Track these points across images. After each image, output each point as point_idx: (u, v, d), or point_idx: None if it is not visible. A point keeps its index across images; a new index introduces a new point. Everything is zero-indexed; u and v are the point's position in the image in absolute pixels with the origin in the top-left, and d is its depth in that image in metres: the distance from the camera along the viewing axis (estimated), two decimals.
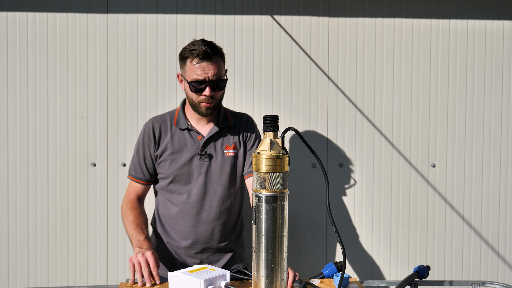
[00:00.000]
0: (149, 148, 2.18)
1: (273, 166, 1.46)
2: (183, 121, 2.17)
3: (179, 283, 1.71)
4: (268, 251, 1.47)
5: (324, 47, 2.73)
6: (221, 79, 2.09)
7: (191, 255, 2.19)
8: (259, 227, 1.48)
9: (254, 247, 1.50)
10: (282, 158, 1.47)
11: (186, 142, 2.16)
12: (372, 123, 2.75)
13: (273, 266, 1.47)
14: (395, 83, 2.75)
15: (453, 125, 2.78)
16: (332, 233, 2.75)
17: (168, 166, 2.15)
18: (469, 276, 2.81)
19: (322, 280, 1.91)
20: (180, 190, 2.16)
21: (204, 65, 2.04)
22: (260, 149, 1.48)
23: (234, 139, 2.20)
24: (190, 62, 2.06)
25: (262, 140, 1.51)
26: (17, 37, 2.61)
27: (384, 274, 2.79)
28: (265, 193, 1.47)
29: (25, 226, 2.65)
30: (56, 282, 2.66)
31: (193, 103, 2.11)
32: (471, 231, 2.79)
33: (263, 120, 1.51)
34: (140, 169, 2.20)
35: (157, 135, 2.18)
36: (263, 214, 1.47)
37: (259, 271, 1.48)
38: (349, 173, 2.76)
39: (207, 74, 2.04)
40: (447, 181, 2.79)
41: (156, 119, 2.22)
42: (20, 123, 2.63)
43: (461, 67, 2.77)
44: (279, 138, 1.50)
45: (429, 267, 2.02)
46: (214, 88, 2.07)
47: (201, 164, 2.15)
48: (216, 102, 2.11)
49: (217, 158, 2.16)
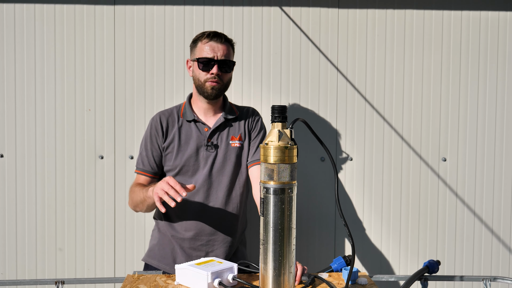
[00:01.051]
0: (157, 141, 2.19)
1: (282, 157, 1.44)
2: (189, 113, 2.19)
3: (186, 275, 1.70)
4: (276, 244, 1.45)
5: (334, 39, 2.69)
6: (229, 60, 2.13)
7: (196, 247, 2.18)
8: (267, 219, 1.46)
9: (261, 239, 1.48)
10: (290, 149, 1.45)
11: (192, 134, 2.17)
12: (382, 116, 2.72)
13: (281, 258, 1.45)
14: (405, 75, 2.72)
15: (465, 118, 2.74)
16: (340, 227, 2.73)
17: (175, 158, 2.16)
18: (480, 271, 2.77)
19: (330, 274, 1.89)
20: (186, 182, 2.16)
21: (213, 45, 2.10)
22: (268, 140, 1.46)
23: (240, 130, 2.21)
24: (200, 43, 2.12)
25: (270, 130, 1.49)
26: (25, 30, 2.61)
27: (393, 269, 2.76)
28: (273, 184, 1.45)
29: (33, 218, 2.65)
30: (64, 275, 2.66)
31: (199, 83, 2.13)
32: (482, 226, 2.76)
33: (271, 110, 1.49)
34: (148, 162, 2.20)
35: (165, 127, 2.19)
36: (271, 206, 1.46)
37: (266, 264, 1.47)
38: (358, 167, 2.73)
39: (216, 53, 2.09)
40: (458, 175, 2.75)
41: (163, 113, 2.24)
42: (28, 115, 2.63)
43: (473, 59, 2.73)
44: (287, 129, 1.48)
45: (439, 262, 2.00)
46: (221, 68, 2.10)
47: (208, 155, 2.16)
48: (222, 84, 2.14)
49: (223, 149, 2.17)
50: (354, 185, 2.74)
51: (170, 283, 1.74)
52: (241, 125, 2.23)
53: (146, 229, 2.67)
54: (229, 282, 1.68)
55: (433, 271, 1.97)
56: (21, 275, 2.66)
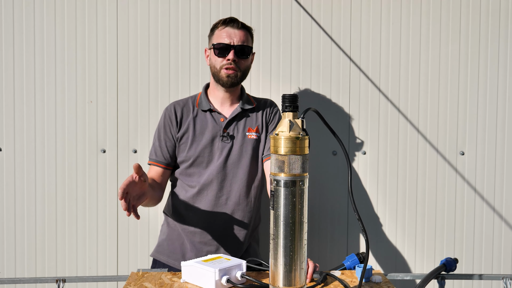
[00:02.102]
0: (170, 131, 2.16)
1: (293, 148, 1.37)
2: (205, 103, 2.17)
3: (193, 273, 1.66)
4: (287, 238, 1.39)
5: (346, 27, 2.61)
6: (246, 45, 2.10)
7: (207, 241, 2.14)
8: (277, 212, 1.40)
9: (272, 234, 1.42)
10: (302, 140, 1.38)
11: (208, 124, 2.14)
12: (397, 108, 2.63)
13: (292, 254, 1.39)
14: (421, 65, 2.63)
15: (484, 109, 2.65)
16: (353, 224, 2.66)
17: (189, 148, 2.13)
18: (499, 270, 2.69)
19: (343, 272, 1.85)
20: (200, 173, 2.13)
21: (230, 31, 2.08)
22: (279, 130, 1.40)
23: (257, 122, 2.19)
24: (217, 30, 2.12)
25: (281, 120, 1.42)
26: (24, 20, 2.55)
27: (409, 267, 2.69)
28: (284, 176, 1.38)
29: (32, 215, 2.60)
30: (64, 273, 2.60)
31: (215, 70, 2.12)
32: (502, 223, 2.67)
33: (281, 99, 1.43)
34: (161, 152, 2.16)
35: (179, 117, 2.16)
36: (282, 199, 1.39)
37: (277, 259, 1.40)
38: (372, 161, 2.65)
39: (233, 39, 2.07)
40: (476, 169, 2.67)
41: (177, 103, 2.21)
42: (27, 108, 2.57)
43: (492, 48, 2.64)
44: (298, 119, 1.42)
45: (457, 259, 1.96)
46: (238, 54, 2.08)
47: (223, 145, 2.12)
48: (239, 72, 2.10)
49: (239, 140, 2.14)
50: (367, 180, 2.66)
51: (176, 280, 1.71)
52: (258, 116, 2.20)
53: (150, 225, 2.60)
54: (238, 279, 1.63)
55: (450, 270, 1.93)
56: (20, 273, 2.61)
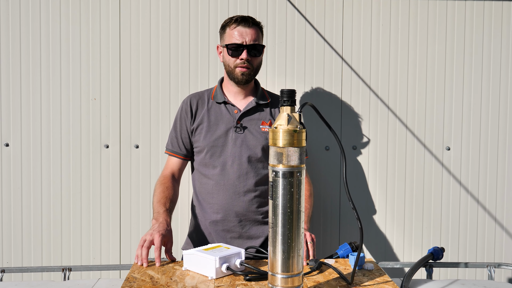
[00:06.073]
0: (185, 122, 2.22)
1: (290, 140, 1.44)
2: (220, 95, 2.22)
3: (194, 261, 1.71)
4: (285, 227, 1.46)
5: (338, 28, 2.70)
6: (258, 44, 2.14)
7: (229, 228, 2.18)
8: (275, 202, 1.47)
9: (270, 223, 1.49)
10: (299, 133, 1.45)
11: (222, 115, 2.19)
12: (386, 105, 2.72)
13: (290, 241, 1.46)
14: (410, 65, 2.72)
15: (469, 107, 2.75)
16: (344, 217, 2.74)
17: (203, 138, 2.18)
18: (483, 258, 2.79)
19: (337, 260, 1.90)
20: (214, 163, 2.17)
21: (242, 30, 2.10)
22: (277, 124, 1.46)
23: (271, 116, 2.23)
24: (229, 28, 2.13)
25: (279, 114, 1.49)
26: (30, 17, 2.60)
27: (398, 256, 2.77)
28: (282, 168, 1.45)
29: (38, 208, 2.66)
30: (69, 262, 2.66)
31: (229, 69, 2.16)
32: (485, 214, 2.77)
33: (280, 94, 1.49)
34: (177, 143, 2.23)
35: (194, 109, 2.22)
36: (280, 189, 1.46)
37: (275, 247, 1.47)
38: (362, 156, 2.74)
39: (245, 38, 2.10)
40: (461, 163, 2.76)
41: (193, 95, 2.27)
42: (33, 105, 2.63)
43: (477, 48, 2.73)
44: (296, 113, 1.48)
45: (443, 249, 2.01)
46: (250, 52, 2.11)
47: (237, 136, 2.17)
48: (252, 69, 2.15)
49: (253, 132, 2.18)
50: (358, 174, 2.74)
51: (178, 268, 1.75)
52: (272, 111, 2.24)
53: (150, 217, 2.62)
54: (237, 267, 1.69)
55: (437, 258, 1.98)
56: (27, 263, 2.67)
